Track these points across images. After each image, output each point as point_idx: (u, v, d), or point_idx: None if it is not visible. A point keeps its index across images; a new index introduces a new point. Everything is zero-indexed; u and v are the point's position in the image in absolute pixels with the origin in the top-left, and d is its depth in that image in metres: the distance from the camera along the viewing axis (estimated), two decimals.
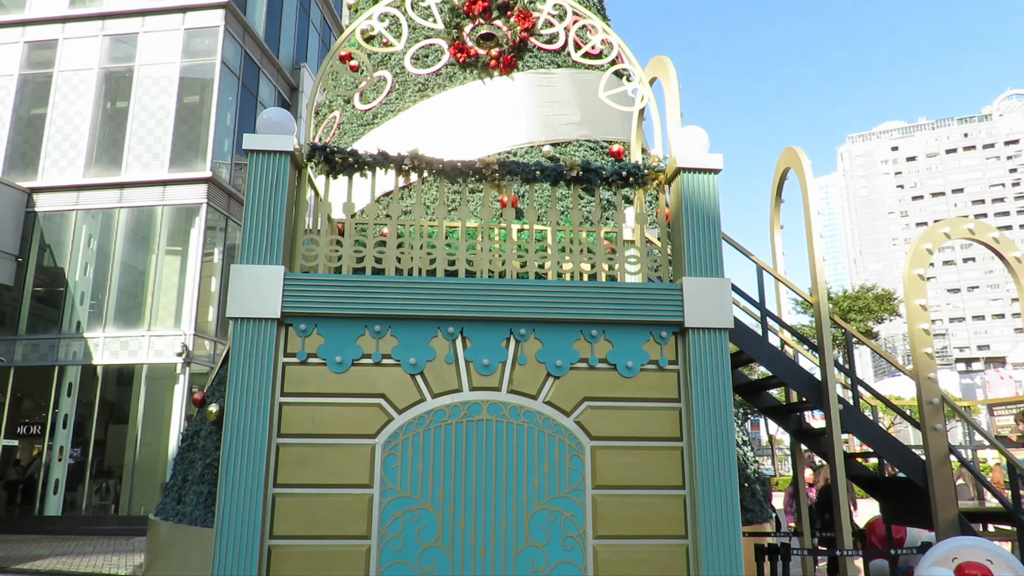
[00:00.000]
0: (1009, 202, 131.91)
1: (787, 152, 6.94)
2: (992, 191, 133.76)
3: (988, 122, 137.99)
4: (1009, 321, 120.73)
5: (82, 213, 17.93)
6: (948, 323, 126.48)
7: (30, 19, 19.26)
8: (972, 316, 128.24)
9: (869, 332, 47.35)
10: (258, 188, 5.08)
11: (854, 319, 46.15)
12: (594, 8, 10.42)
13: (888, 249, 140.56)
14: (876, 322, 48.10)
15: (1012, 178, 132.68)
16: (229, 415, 4.66)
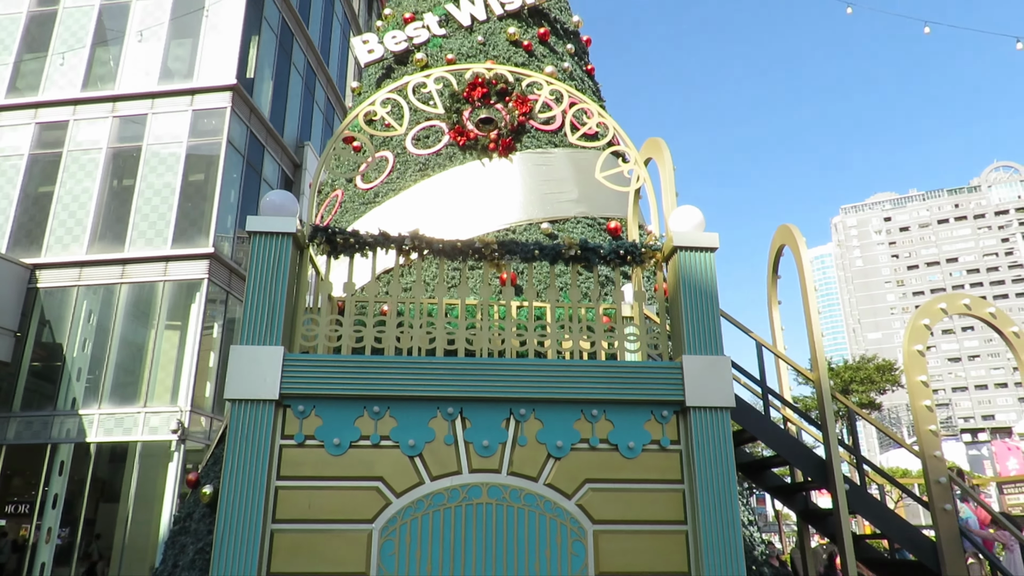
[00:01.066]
0: (1004, 271, 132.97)
1: (782, 229, 7.05)
2: (986, 260, 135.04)
3: (977, 193, 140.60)
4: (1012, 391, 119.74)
5: (83, 289, 18.02)
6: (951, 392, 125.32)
7: (43, 101, 19.86)
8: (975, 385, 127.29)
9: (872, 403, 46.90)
10: (260, 269, 5.14)
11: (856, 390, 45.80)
12: (589, 91, 10.78)
13: (887, 318, 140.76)
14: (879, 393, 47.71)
15: (1004, 248, 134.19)
16: (223, 499, 4.57)
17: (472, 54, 9.90)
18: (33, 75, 20.38)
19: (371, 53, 10.38)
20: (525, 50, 10.08)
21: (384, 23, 11.34)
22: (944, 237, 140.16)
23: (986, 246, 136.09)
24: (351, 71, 30.04)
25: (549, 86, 6.45)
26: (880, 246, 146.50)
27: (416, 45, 10.24)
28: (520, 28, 10.28)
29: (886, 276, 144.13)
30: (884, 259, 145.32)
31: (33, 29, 20.91)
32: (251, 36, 20.81)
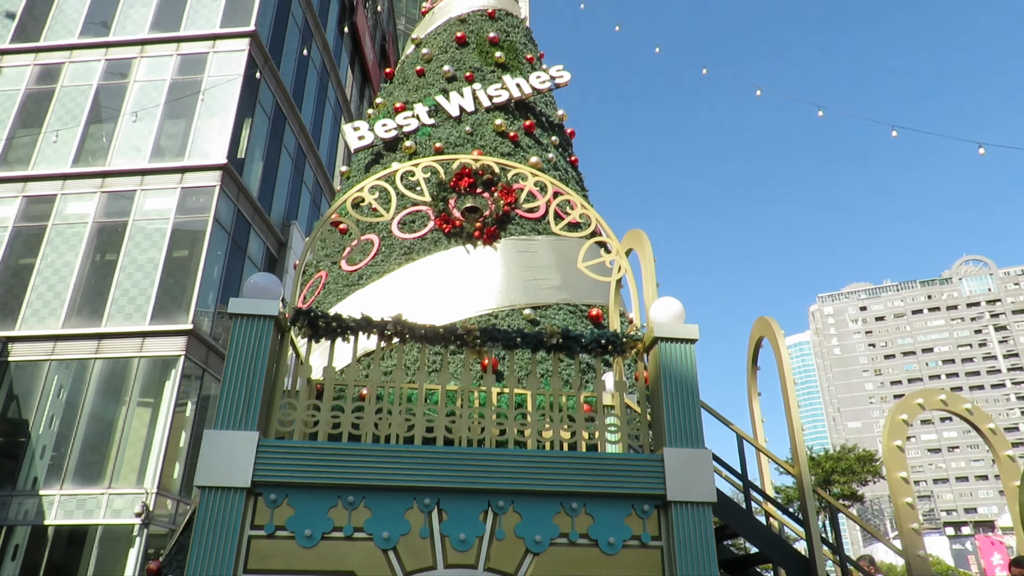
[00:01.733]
0: (978, 362, 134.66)
1: (760, 321, 7.15)
2: (960, 351, 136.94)
3: (949, 285, 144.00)
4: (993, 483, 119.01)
5: (56, 363, 17.66)
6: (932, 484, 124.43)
7: (32, 175, 20.01)
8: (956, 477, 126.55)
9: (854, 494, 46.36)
10: (239, 352, 5.09)
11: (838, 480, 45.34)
12: (573, 181, 11.08)
13: (866, 407, 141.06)
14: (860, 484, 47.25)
15: (978, 339, 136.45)
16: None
17: (460, 143, 10.20)
18: (25, 149, 20.60)
19: (361, 140, 10.65)
20: (511, 141, 10.41)
21: (375, 111, 11.71)
22: (919, 327, 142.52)
23: (960, 337, 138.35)
24: (341, 154, 30.71)
25: (534, 177, 6.65)
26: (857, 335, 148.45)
27: (406, 133, 10.55)
28: (507, 120, 10.65)
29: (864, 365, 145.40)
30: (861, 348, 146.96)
31: (30, 105, 21.29)
32: (244, 118, 21.31)
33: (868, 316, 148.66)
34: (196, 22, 22.11)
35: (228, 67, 21.18)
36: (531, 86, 11.08)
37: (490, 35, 11.88)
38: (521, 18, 13.31)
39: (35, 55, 22.05)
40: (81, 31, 22.34)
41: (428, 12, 13.34)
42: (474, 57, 11.62)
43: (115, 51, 21.87)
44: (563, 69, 11.59)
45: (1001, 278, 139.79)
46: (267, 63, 22.76)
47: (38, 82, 21.67)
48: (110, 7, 22.69)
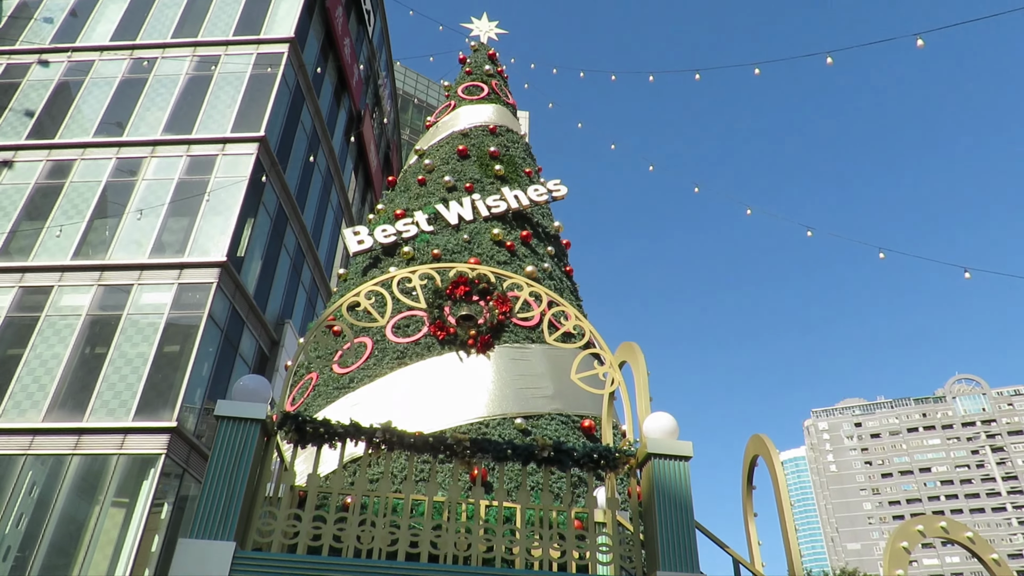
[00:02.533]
0: (977, 484, 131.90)
1: (754, 439, 7.05)
2: (959, 472, 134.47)
3: (943, 403, 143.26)
4: None
5: (32, 458, 17.12)
6: None
7: (31, 266, 20.15)
8: None
9: None
10: (222, 457, 4.98)
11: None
12: (568, 290, 11.23)
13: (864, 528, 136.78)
14: None
15: (975, 460, 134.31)
16: None
17: (457, 250, 10.39)
18: (27, 239, 20.85)
19: (361, 244, 10.86)
20: (508, 249, 10.62)
21: (376, 216, 11.99)
22: (915, 446, 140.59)
23: (957, 457, 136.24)
24: (339, 255, 31.18)
25: (529, 287, 6.73)
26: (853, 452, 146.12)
27: (404, 239, 10.77)
28: (504, 229, 10.91)
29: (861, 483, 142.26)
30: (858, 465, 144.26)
31: (38, 199, 21.74)
32: (247, 218, 21.76)
33: (863, 433, 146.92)
34: (208, 126, 22.98)
35: (236, 169, 21.83)
36: (529, 198, 11.42)
37: (490, 149, 12.37)
38: (521, 134, 13.90)
39: (49, 151, 22.74)
40: (96, 131, 23.16)
41: (432, 126, 13.94)
42: (474, 169, 12.04)
43: (127, 150, 22.59)
44: (560, 183, 12.00)
45: (995, 398, 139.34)
46: (274, 167, 23.49)
47: (48, 177, 22.23)
48: (127, 109, 23.63)
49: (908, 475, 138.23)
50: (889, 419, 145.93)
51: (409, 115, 55.21)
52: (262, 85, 23.92)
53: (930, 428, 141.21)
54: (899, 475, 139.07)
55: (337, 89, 31.43)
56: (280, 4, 26.41)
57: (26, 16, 26.72)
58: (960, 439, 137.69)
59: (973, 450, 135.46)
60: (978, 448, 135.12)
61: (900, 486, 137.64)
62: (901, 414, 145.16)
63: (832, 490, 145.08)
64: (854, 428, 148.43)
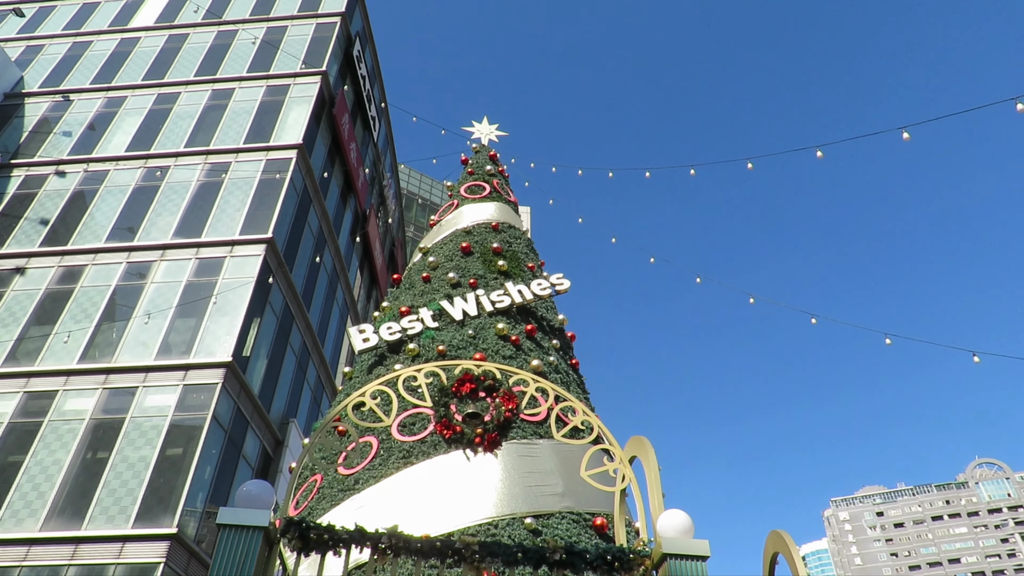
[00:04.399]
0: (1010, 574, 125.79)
1: (773, 535, 6.81)
2: (990, 563, 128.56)
3: (966, 489, 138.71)
4: None
5: (27, 570, 16.56)
6: None
7: (36, 371, 20.16)
8: None
9: None
10: (224, 568, 4.83)
11: None
12: (574, 383, 11.15)
13: None
14: None
15: (1005, 548, 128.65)
16: None
17: (462, 346, 10.41)
18: (34, 343, 20.96)
19: (366, 342, 10.89)
20: (513, 344, 10.63)
21: (381, 314, 12.08)
22: (941, 535, 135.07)
23: (986, 546, 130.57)
24: (345, 352, 31.18)
25: (535, 383, 6.70)
26: (877, 543, 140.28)
27: (409, 336, 10.81)
28: (509, 324, 10.96)
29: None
30: (884, 557, 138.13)
31: (48, 304, 22.01)
32: (253, 318, 21.93)
33: (886, 522, 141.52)
34: (217, 229, 23.53)
35: (243, 271, 22.19)
36: (532, 292, 11.54)
37: (493, 245, 12.59)
38: (523, 230, 14.19)
39: (61, 258, 23.21)
40: (108, 236, 23.73)
41: (436, 224, 14.26)
42: (478, 265, 12.23)
43: (137, 254, 23.06)
44: (563, 277, 12.14)
45: (1018, 482, 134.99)
46: (280, 267, 23.88)
47: (59, 282, 22.59)
48: (139, 215, 24.28)
49: (937, 567, 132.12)
50: (912, 507, 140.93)
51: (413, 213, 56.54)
52: (270, 189, 24.67)
53: (955, 515, 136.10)
54: (927, 567, 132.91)
55: (343, 191, 32.36)
56: (289, 113, 27.59)
57: (46, 131, 27.92)
58: (988, 527, 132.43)
59: (1003, 538, 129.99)
60: (1007, 536, 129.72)
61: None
62: (924, 501, 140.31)
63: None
64: (876, 517, 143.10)
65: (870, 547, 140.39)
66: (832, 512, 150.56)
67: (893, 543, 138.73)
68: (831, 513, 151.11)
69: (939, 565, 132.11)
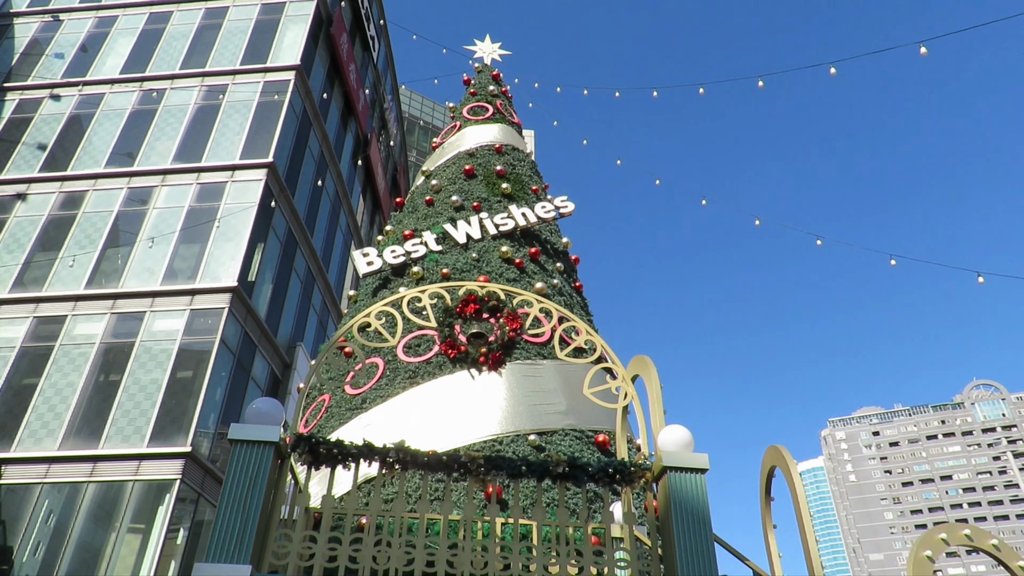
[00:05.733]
0: (1000, 491, 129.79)
1: (771, 450, 6.98)
2: (981, 479, 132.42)
3: (962, 409, 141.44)
4: None
5: (48, 487, 17.19)
6: None
7: (45, 296, 20.35)
8: None
9: None
10: (237, 481, 4.98)
11: None
12: (578, 306, 11.21)
13: (887, 538, 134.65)
14: None
15: (997, 466, 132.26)
16: None
17: (466, 269, 10.42)
18: (40, 270, 21.08)
19: (370, 265, 10.91)
20: (517, 267, 10.64)
21: (384, 238, 12.06)
22: (935, 454, 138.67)
23: (979, 464, 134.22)
24: (349, 278, 31.32)
25: (539, 304, 6.74)
26: (872, 461, 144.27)
27: (413, 259, 10.81)
28: (512, 247, 10.93)
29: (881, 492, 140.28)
30: (877, 474, 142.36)
31: (51, 230, 22.00)
32: (257, 243, 21.92)
33: (882, 441, 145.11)
34: (217, 153, 23.23)
35: (245, 195, 22.03)
36: (536, 215, 11.46)
37: (497, 168, 12.43)
38: (527, 152, 13.97)
39: (61, 183, 23.04)
40: (107, 161, 23.47)
41: (439, 147, 14.04)
42: (481, 188, 12.10)
43: (138, 180, 22.86)
44: (567, 199, 12.03)
45: (1014, 403, 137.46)
46: (282, 192, 23.69)
47: (61, 208, 22.50)
48: (137, 140, 23.94)
49: (929, 483, 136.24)
50: (907, 427, 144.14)
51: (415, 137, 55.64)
52: (269, 112, 24.20)
53: (950, 435, 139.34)
54: (920, 483, 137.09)
55: (343, 114, 31.74)
56: (285, 33, 26.77)
57: (37, 52, 27.20)
58: (981, 445, 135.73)
59: (995, 456, 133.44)
60: (999, 454, 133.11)
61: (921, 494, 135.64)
62: (919, 421, 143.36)
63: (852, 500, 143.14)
64: (872, 437, 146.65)
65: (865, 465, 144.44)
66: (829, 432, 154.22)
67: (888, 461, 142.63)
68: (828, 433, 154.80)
69: (931, 482, 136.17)
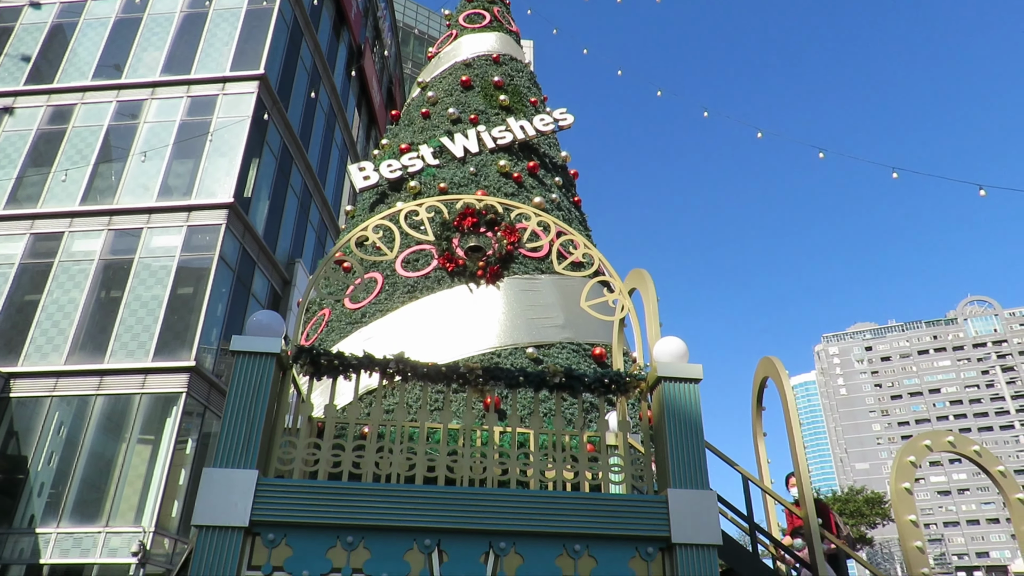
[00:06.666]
0: (986, 403, 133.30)
1: (764, 361, 7.12)
2: (968, 392, 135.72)
3: (955, 325, 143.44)
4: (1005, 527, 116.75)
5: (57, 400, 17.60)
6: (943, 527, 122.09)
7: (41, 213, 20.23)
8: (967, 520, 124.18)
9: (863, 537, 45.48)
10: (240, 390, 5.08)
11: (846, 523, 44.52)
12: (576, 221, 11.16)
13: (873, 448, 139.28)
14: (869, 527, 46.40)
15: (985, 380, 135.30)
16: None
17: (464, 183, 10.31)
18: (34, 187, 20.86)
19: (367, 180, 10.78)
20: (515, 181, 10.52)
21: (381, 152, 11.87)
22: (925, 368, 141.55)
23: (967, 378, 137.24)
24: (346, 193, 31.03)
25: (537, 217, 6.70)
26: (863, 375, 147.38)
27: (410, 173, 10.68)
28: (511, 161, 10.78)
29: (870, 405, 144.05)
30: (868, 388, 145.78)
31: (41, 145, 21.63)
32: (252, 158, 21.60)
33: (874, 356, 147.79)
34: (207, 65, 22.57)
35: (237, 109, 21.55)
36: (535, 128, 11.24)
37: (494, 79, 12.10)
38: (525, 63, 13.56)
39: (48, 96, 22.48)
40: (94, 73, 22.81)
41: (434, 57, 13.61)
42: (479, 100, 11.82)
43: (127, 93, 22.29)
44: (566, 112, 11.77)
45: (1007, 319, 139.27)
46: (275, 105, 23.15)
47: (50, 122, 22.05)
48: (123, 51, 23.20)
49: (918, 396, 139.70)
50: (900, 342, 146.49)
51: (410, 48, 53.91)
52: (259, 21, 23.36)
53: (941, 350, 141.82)
54: (908, 396, 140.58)
55: (336, 23, 30.64)
56: None
57: None
58: (971, 360, 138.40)
59: (983, 370, 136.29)
60: (988, 368, 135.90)
61: (909, 407, 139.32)
62: (912, 337, 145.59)
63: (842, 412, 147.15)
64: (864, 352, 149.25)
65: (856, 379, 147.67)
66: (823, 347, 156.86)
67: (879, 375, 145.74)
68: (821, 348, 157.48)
69: (919, 395, 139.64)
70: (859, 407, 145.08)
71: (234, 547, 4.56)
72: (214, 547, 4.55)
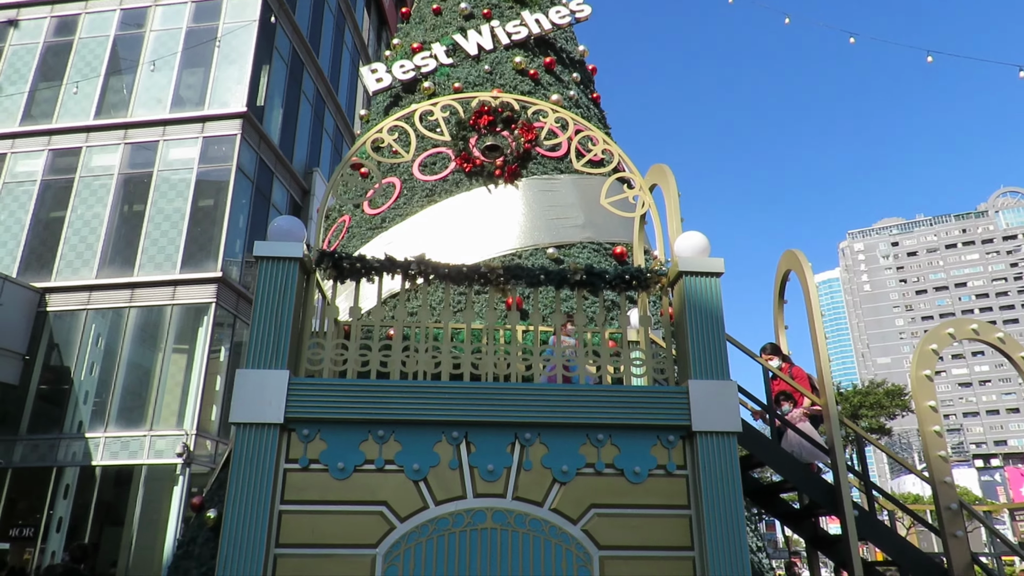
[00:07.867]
0: (1013, 296, 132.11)
1: (787, 254, 7.06)
2: (995, 285, 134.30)
3: (985, 218, 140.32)
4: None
5: (92, 312, 18.13)
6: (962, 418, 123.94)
7: (56, 128, 20.16)
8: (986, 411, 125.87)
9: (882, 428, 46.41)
10: (267, 294, 5.18)
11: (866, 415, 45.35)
12: (595, 118, 10.89)
13: (895, 343, 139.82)
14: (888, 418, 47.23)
15: (1013, 272, 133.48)
16: (227, 523, 4.56)
17: (479, 82, 10.03)
18: (47, 103, 20.71)
19: (380, 82, 10.53)
20: (531, 78, 10.22)
21: (393, 52, 11.53)
22: (952, 262, 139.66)
23: (995, 271, 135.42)
24: (360, 99, 30.42)
25: (554, 114, 6.54)
26: (888, 271, 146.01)
27: (424, 74, 10.40)
28: (526, 57, 10.43)
29: (894, 301, 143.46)
30: (892, 284, 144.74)
31: (49, 59, 21.30)
32: (262, 65, 21.13)
33: (900, 252, 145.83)
34: None
35: (243, 13, 20.90)
36: (551, 21, 10.80)
37: None
38: None
39: (51, 7, 21.93)
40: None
41: None
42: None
43: (129, 0, 21.66)
44: (583, 2, 11.26)
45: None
46: (282, 8, 22.41)
47: (56, 35, 21.61)
48: None
49: (943, 291, 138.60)
50: (927, 237, 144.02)
51: None
52: None
53: (969, 244, 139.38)
54: (934, 291, 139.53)
55: None
56: None
57: None
58: (1000, 253, 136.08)
59: (1012, 263, 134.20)
60: (1017, 260, 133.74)
61: (934, 302, 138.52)
62: (940, 231, 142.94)
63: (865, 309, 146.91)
64: (890, 248, 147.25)
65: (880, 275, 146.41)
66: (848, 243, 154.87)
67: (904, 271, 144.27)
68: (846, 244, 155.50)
69: (945, 289, 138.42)
70: (883, 303, 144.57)
71: (271, 442, 4.78)
72: (252, 443, 4.76)
